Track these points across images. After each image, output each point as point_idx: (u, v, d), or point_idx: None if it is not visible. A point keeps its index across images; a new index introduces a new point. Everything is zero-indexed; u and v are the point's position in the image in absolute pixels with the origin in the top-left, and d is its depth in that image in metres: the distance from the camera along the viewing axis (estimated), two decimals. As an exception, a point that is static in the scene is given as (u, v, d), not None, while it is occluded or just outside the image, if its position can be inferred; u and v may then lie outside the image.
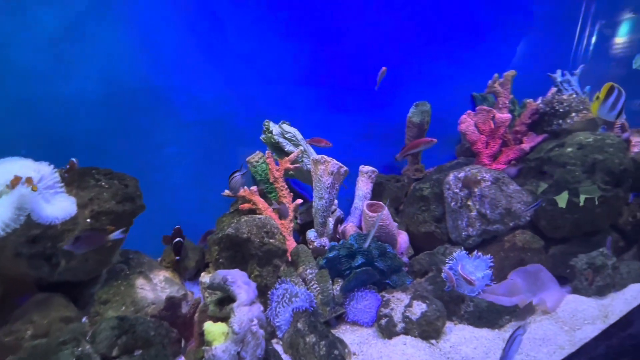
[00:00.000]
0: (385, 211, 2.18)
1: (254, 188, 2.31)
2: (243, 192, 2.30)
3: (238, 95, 2.57)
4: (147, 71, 2.25)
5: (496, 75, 2.37)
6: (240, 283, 1.51)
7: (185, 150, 2.41)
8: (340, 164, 2.34)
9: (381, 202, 2.27)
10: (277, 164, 2.37)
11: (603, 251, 1.88)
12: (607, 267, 1.84)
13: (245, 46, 2.54)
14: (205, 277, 1.88)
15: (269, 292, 1.86)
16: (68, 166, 1.51)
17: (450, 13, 2.82)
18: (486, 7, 2.85)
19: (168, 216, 2.20)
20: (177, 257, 2.03)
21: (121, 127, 2.23)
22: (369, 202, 2.30)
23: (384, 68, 2.39)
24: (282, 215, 2.11)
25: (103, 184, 1.58)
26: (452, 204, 2.29)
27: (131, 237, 1.99)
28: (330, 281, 1.98)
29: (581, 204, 1.87)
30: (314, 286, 1.96)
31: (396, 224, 2.34)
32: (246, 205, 2.29)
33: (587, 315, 1.76)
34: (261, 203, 2.29)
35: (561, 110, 2.05)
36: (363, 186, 2.55)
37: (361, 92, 2.83)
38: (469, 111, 2.38)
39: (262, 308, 1.58)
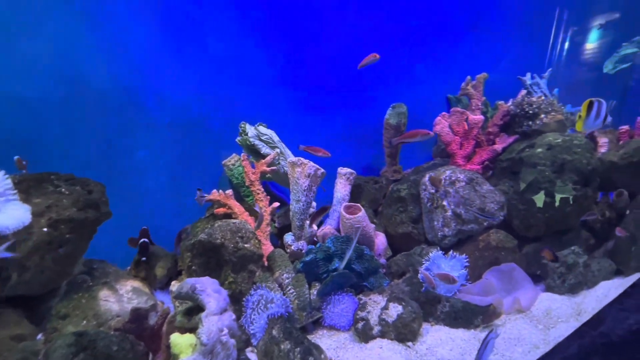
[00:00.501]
0: (362, 213, 2.13)
1: (229, 192, 2.23)
2: (218, 195, 2.22)
3: (214, 96, 2.48)
4: (115, 71, 2.13)
5: (469, 77, 2.38)
6: (210, 291, 1.43)
7: (157, 154, 2.31)
8: (317, 166, 2.28)
9: (359, 205, 2.22)
10: (253, 166, 2.29)
11: (574, 249, 1.89)
12: (578, 265, 1.85)
13: (221, 46, 2.45)
14: (175, 286, 1.78)
15: (244, 299, 1.78)
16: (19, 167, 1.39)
17: (425, 16, 2.81)
18: (461, 12, 2.86)
19: (140, 223, 2.09)
20: (144, 258, 1.92)
21: (88, 130, 2.11)
22: (347, 204, 2.25)
23: (376, 55, 2.32)
24: (261, 220, 2.03)
25: (63, 190, 1.46)
26: (428, 204, 2.27)
27: (99, 246, 1.88)
28: (307, 285, 1.92)
29: (557, 204, 1.88)
30: (290, 291, 1.90)
31: (374, 225, 2.30)
32: (221, 210, 2.21)
33: (560, 313, 1.76)
34: (237, 207, 2.21)
35: (531, 112, 2.06)
36: (341, 188, 2.50)
37: (339, 93, 2.79)
38: (443, 113, 2.38)
39: (234, 316, 1.50)
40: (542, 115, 2.03)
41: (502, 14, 2.91)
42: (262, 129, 2.39)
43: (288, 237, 2.24)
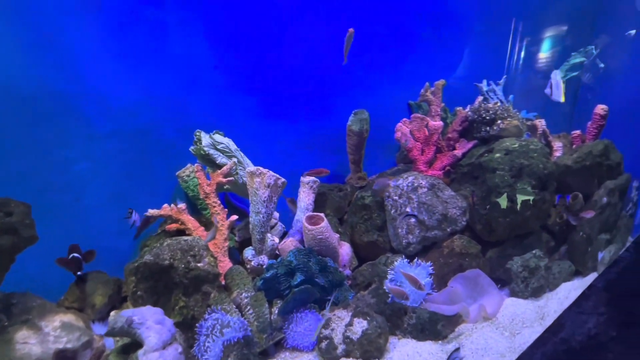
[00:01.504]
0: (325, 223, 1.99)
1: (182, 205, 2.00)
2: (170, 210, 1.99)
3: (165, 102, 2.25)
4: (46, 74, 1.86)
5: (427, 84, 2.33)
6: (151, 323, 1.22)
7: (100, 166, 2.04)
8: (278, 176, 2.12)
9: (321, 214, 2.08)
10: (209, 178, 2.09)
11: (536, 253, 1.86)
12: (540, 268, 1.81)
13: (173, 48, 2.23)
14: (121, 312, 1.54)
15: (197, 325, 1.58)
16: None
17: (385, 24, 2.75)
18: (420, 19, 2.82)
19: (80, 244, 1.82)
20: (79, 273, 1.67)
21: (14, 141, 1.81)
22: (309, 214, 2.10)
23: (350, 30, 2.06)
24: (213, 234, 1.83)
25: (-31, 213, 1.20)
26: (392, 211, 2.17)
27: (28, 275, 1.60)
28: (267, 304, 1.74)
29: (518, 207, 1.83)
30: (249, 312, 1.71)
31: (338, 235, 2.16)
32: (173, 226, 1.98)
33: (525, 318, 1.71)
34: (191, 222, 1.99)
35: (488, 117, 2.03)
36: (304, 197, 2.35)
37: (300, 100, 2.65)
38: (404, 119, 2.30)
39: (180, 349, 1.30)
40: (499, 121, 2.01)
41: (460, 23, 2.92)
42: (218, 137, 2.19)
43: (248, 252, 2.05)
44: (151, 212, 1.96)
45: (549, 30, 2.81)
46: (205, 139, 2.15)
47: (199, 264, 1.70)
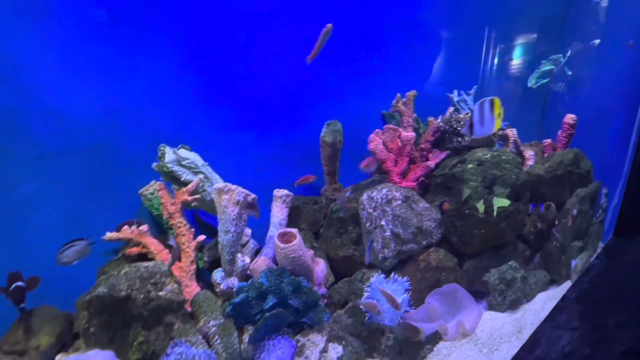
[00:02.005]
0: (297, 241, 1.88)
1: (143, 227, 1.84)
2: (130, 233, 1.82)
3: (127, 116, 2.08)
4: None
5: (398, 95, 2.27)
6: (97, 372, 1.06)
7: (50, 187, 1.85)
8: (247, 192, 1.99)
9: (294, 231, 1.96)
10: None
11: (512, 264, 1.81)
12: (516, 280, 1.77)
13: (134, 59, 2.07)
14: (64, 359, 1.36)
15: (158, 361, 1.42)
16: None
17: (358, 34, 2.67)
18: (395, 29, 2.77)
19: (28, 274, 1.63)
20: (22, 305, 1.48)
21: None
22: (281, 231, 1.98)
23: (328, 26, 1.85)
24: (175, 257, 1.68)
25: None
26: (367, 224, 2.09)
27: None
28: (237, 332, 1.60)
29: (494, 214, 1.79)
30: (217, 342, 1.57)
31: (312, 252, 2.05)
32: (134, 250, 1.82)
33: (503, 332, 1.65)
34: (154, 245, 1.83)
35: (459, 128, 1.98)
36: (278, 212, 2.23)
37: (271, 111, 2.53)
38: (377, 130, 2.23)
39: (133, 397, 1.14)
40: (471, 132, 1.96)
41: (432, 32, 2.88)
42: (184, 152, 2.05)
43: (217, 275, 1.91)
44: (109, 235, 1.79)
45: (520, 39, 2.82)
46: (169, 154, 2.00)
47: (160, 293, 1.55)
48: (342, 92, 2.69)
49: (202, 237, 1.91)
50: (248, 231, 2.24)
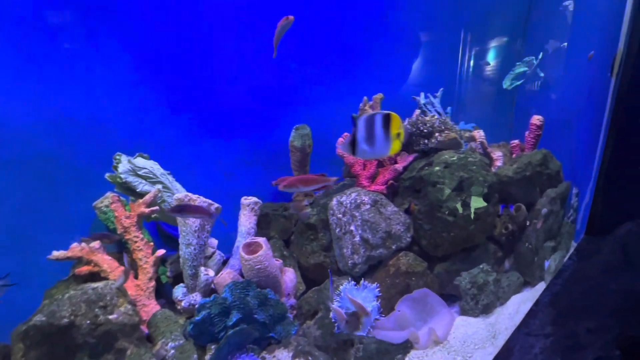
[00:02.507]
0: (263, 251, 1.77)
1: (94, 244, 1.68)
2: (79, 250, 1.66)
3: (78, 124, 1.92)
4: None
5: (365, 98, 2.20)
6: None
7: (-10, 203, 1.66)
8: (210, 202, 1.87)
9: (261, 240, 1.85)
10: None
11: (483, 267, 1.76)
12: (489, 283, 1.71)
13: (88, 64, 1.91)
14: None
15: (106, 392, 1.28)
16: None
17: (328, 36, 2.58)
18: (365, 32, 2.68)
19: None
20: None
21: None
22: (247, 242, 1.86)
23: (289, 18, 1.69)
24: (126, 277, 1.53)
25: None
26: (337, 230, 2.00)
27: None
28: (196, 355, 1.48)
29: (472, 215, 1.74)
30: (175, 366, 1.44)
31: (279, 262, 1.95)
32: (85, 268, 1.66)
33: (477, 339, 1.59)
34: (106, 263, 1.68)
35: (425, 131, 1.92)
36: (245, 221, 2.11)
37: (238, 115, 2.41)
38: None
39: None
40: (437, 134, 1.90)
41: (402, 35, 2.81)
42: (140, 161, 1.90)
43: (178, 291, 1.78)
44: (55, 254, 1.62)
45: (487, 42, 2.80)
46: (123, 164, 1.85)
47: (110, 316, 1.40)
48: (313, 95, 2.59)
49: (161, 252, 1.77)
50: (214, 242, 2.11)
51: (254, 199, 2.12)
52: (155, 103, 2.14)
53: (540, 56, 2.34)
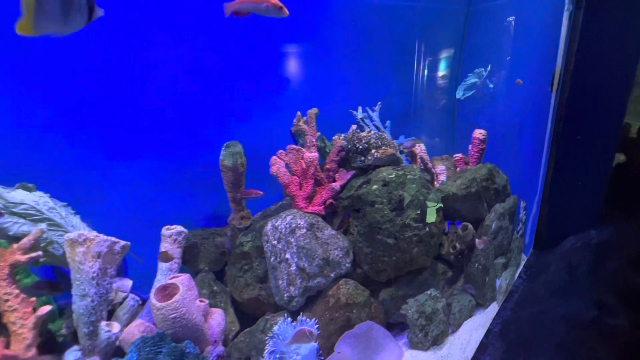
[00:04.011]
0: (179, 296, 1.43)
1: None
2: None
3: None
4: None
5: (299, 113, 1.97)
6: None
7: None
8: (114, 239, 1.50)
9: (179, 281, 1.50)
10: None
11: (431, 294, 1.55)
12: (438, 312, 1.50)
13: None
14: None
15: None
16: None
17: (261, 48, 2.28)
18: (301, 45, 2.42)
19: None
20: None
21: None
22: (161, 285, 1.50)
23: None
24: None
25: None
26: (272, 259, 1.71)
27: None
28: None
29: (428, 219, 1.53)
30: None
31: (203, 304, 1.60)
32: None
33: (427, 377, 1.37)
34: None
35: (361, 147, 1.71)
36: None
37: (160, 133, 2.04)
38: (280, 151, 1.87)
39: None
40: (373, 150, 1.69)
41: (339, 49, 2.59)
42: (20, 194, 1.48)
43: (70, 357, 1.37)
44: None
45: (425, 55, 2.69)
46: (-5, 200, 1.42)
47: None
48: (246, 110, 2.28)
49: (44, 310, 1.36)
50: (127, 283, 1.72)
51: (178, 228, 1.76)
52: (52, 122, 1.73)
53: (489, 68, 2.26)
